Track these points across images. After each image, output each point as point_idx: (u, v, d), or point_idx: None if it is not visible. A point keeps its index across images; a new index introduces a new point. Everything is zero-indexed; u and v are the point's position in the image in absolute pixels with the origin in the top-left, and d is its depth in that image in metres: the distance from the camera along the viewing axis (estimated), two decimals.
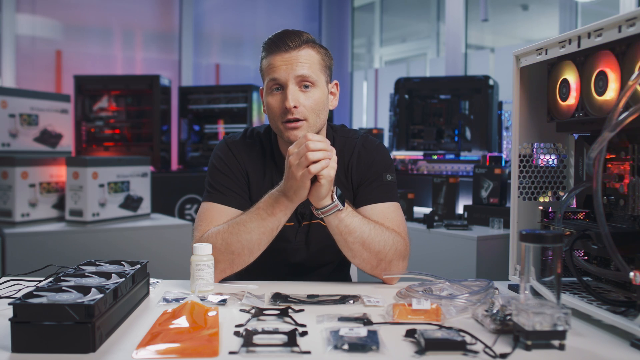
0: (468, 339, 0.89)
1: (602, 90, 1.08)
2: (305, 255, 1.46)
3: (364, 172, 1.43)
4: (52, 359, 0.84)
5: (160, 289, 1.27)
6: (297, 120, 1.32)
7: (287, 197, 1.25)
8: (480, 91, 3.21)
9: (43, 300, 0.89)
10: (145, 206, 2.94)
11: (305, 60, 1.33)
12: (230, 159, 1.44)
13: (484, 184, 2.84)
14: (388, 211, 1.39)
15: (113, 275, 1.06)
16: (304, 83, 1.33)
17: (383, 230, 1.30)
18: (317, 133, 1.37)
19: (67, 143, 3.00)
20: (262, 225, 1.27)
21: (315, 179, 1.22)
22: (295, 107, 1.31)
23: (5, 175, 2.60)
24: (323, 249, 1.45)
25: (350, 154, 1.45)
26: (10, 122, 2.72)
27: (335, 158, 1.22)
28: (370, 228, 1.28)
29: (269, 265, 1.44)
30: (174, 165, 4.19)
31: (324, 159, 1.19)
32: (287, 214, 1.29)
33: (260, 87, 1.43)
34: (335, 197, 1.25)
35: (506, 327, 0.94)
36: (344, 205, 1.27)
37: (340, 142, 1.45)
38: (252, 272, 1.40)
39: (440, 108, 3.37)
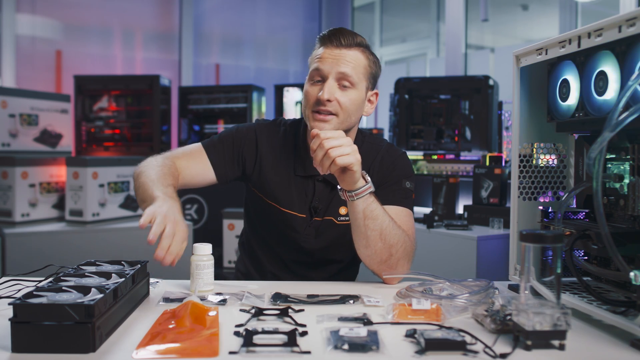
0: (468, 339, 0.89)
1: (602, 90, 1.08)
2: (315, 246, 1.48)
3: (385, 174, 1.46)
4: (52, 359, 0.84)
5: (160, 289, 1.27)
6: (329, 113, 1.35)
7: (154, 205, 1.20)
8: (480, 91, 3.21)
9: (43, 300, 0.89)
10: None
11: (351, 60, 1.36)
12: (249, 139, 1.49)
13: (484, 184, 2.84)
14: (401, 215, 1.40)
15: (113, 275, 1.06)
16: (344, 82, 1.36)
17: (398, 227, 1.32)
18: (345, 133, 1.38)
19: (67, 143, 3.01)
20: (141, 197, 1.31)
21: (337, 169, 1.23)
22: (329, 100, 1.34)
23: (5, 175, 2.60)
24: (332, 246, 1.48)
25: (373, 158, 1.48)
26: (10, 122, 2.72)
27: (355, 146, 1.22)
28: (389, 220, 1.30)
29: (278, 248, 1.50)
30: None
31: (343, 148, 1.20)
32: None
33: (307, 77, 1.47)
34: (368, 177, 1.27)
35: (506, 327, 0.94)
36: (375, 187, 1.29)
37: (366, 147, 1.49)
38: (258, 253, 1.50)
39: (440, 108, 3.37)
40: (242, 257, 1.62)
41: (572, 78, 1.19)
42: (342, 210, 1.46)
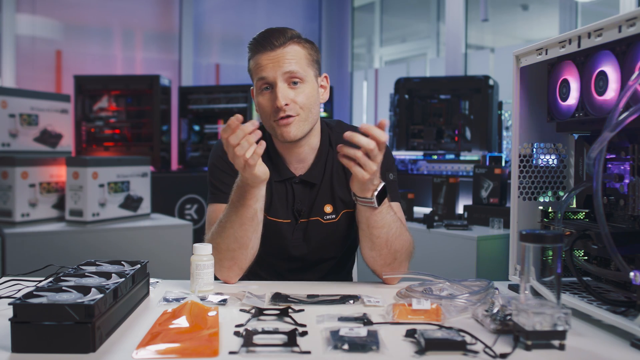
0: (468, 339, 0.89)
1: (602, 90, 1.08)
2: (306, 250, 1.46)
3: None
4: (52, 359, 0.84)
5: (160, 289, 1.27)
6: (289, 116, 1.33)
7: (248, 184, 1.25)
8: (480, 91, 3.21)
9: (43, 300, 0.89)
10: (145, 206, 2.94)
11: (292, 57, 1.33)
12: (223, 166, 1.43)
13: (484, 184, 2.84)
14: None
15: (113, 275, 1.06)
16: (293, 79, 1.33)
17: (405, 231, 1.31)
18: (311, 129, 1.39)
19: (67, 143, 3.00)
20: (239, 216, 1.28)
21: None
22: (286, 104, 1.32)
23: (5, 175, 2.60)
24: (322, 246, 1.46)
25: None
26: (10, 122, 2.72)
27: (380, 156, 1.18)
28: (397, 227, 1.29)
29: (271, 259, 1.46)
30: (174, 165, 4.19)
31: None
32: (258, 199, 1.28)
33: (251, 87, 1.43)
34: (375, 195, 1.23)
35: (506, 327, 0.95)
36: (379, 204, 1.25)
37: (336, 140, 1.44)
38: (253, 266, 1.41)
39: (440, 108, 3.37)
40: None
41: (572, 78, 1.19)
42: (328, 209, 1.43)
